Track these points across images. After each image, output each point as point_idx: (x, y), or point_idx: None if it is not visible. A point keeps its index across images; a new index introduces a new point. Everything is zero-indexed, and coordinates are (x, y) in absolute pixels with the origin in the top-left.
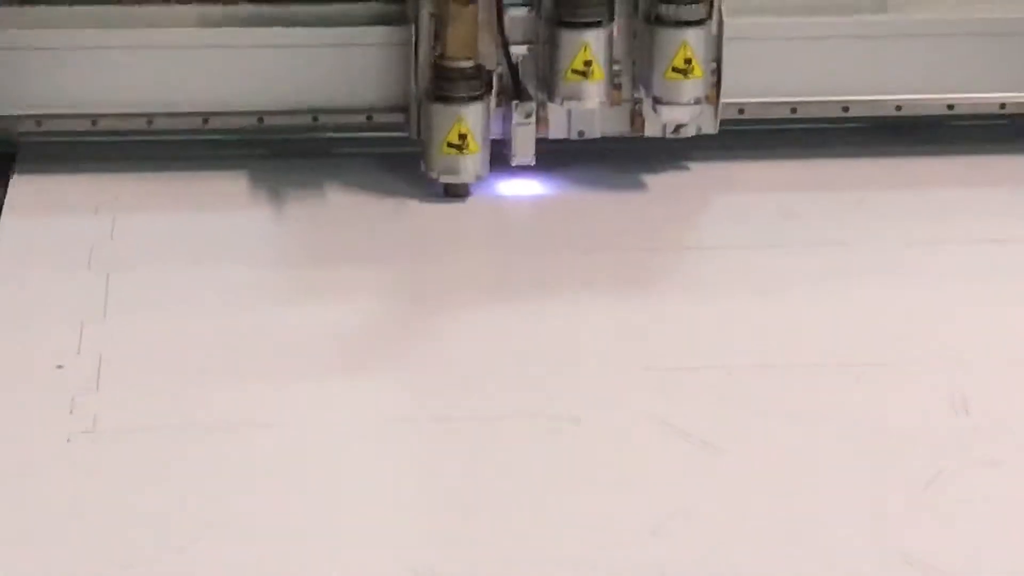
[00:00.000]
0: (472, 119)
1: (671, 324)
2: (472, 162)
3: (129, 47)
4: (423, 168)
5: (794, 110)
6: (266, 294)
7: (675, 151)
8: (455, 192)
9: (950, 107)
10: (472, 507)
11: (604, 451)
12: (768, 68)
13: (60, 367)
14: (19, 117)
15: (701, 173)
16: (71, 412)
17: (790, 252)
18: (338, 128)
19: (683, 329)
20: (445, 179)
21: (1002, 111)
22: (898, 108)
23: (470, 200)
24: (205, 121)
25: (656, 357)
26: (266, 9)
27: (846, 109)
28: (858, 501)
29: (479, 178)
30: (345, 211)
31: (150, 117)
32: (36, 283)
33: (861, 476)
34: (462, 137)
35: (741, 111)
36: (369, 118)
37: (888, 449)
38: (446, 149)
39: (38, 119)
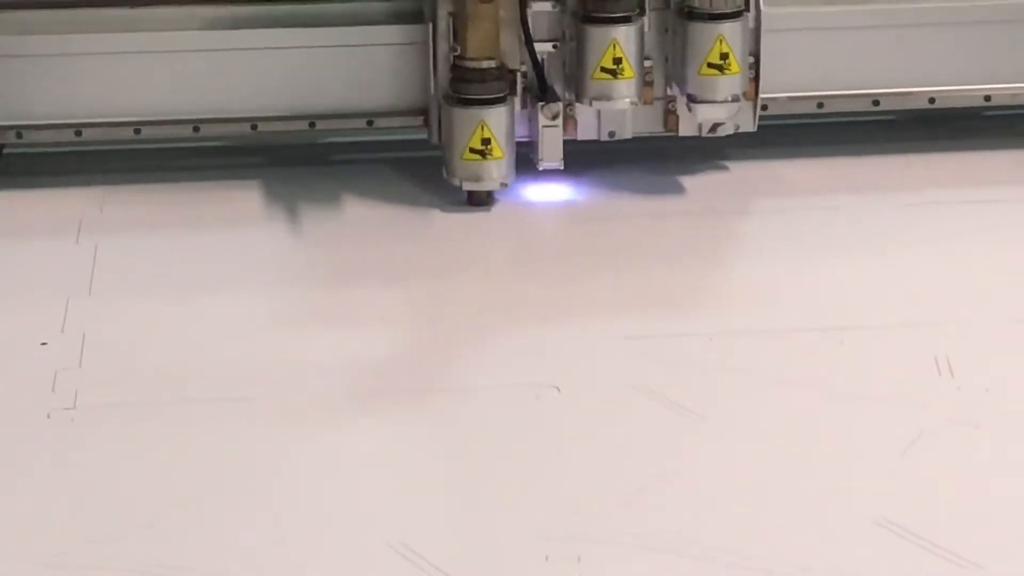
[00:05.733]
0: (495, 123)
1: (652, 292)
2: (496, 168)
3: (114, 52)
4: (444, 175)
5: (821, 105)
6: (261, 318)
7: (712, 150)
8: (479, 200)
9: (987, 98)
10: (452, 476)
11: (585, 418)
12: (792, 61)
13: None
14: None
15: (740, 173)
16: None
17: (775, 217)
18: (348, 133)
19: (665, 296)
20: (468, 186)
21: None
22: (931, 100)
23: (495, 208)
24: (196, 129)
25: (638, 324)
26: (260, 9)
27: (876, 103)
28: (839, 464)
29: (504, 185)
30: (361, 224)
31: (138, 126)
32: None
33: (843, 439)
34: (485, 142)
35: (764, 107)
36: (369, 123)
37: (871, 412)
38: (468, 155)
39: (18, 130)
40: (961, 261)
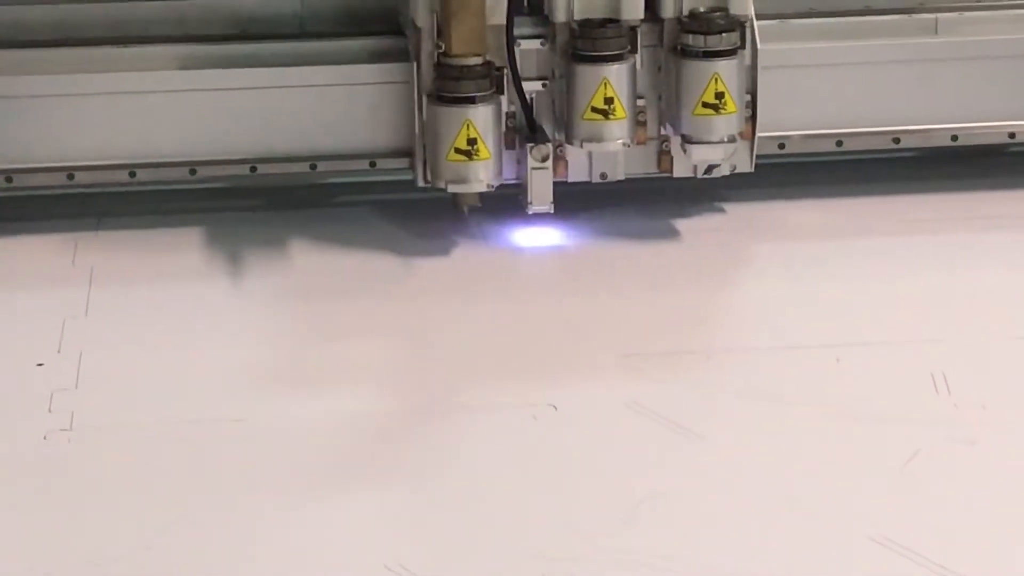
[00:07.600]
0: (482, 121)
1: (648, 312)
2: (483, 169)
3: (108, 92)
4: (428, 178)
5: (840, 143)
6: (258, 336)
7: (707, 191)
8: (465, 202)
9: (1011, 135)
10: (449, 495)
11: (583, 437)
12: (810, 98)
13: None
14: None
15: (736, 215)
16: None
17: (772, 239)
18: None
19: (660, 316)
20: (453, 188)
21: None
22: (954, 138)
23: (483, 254)
24: (193, 171)
25: (634, 343)
26: (253, 48)
27: (897, 140)
28: (836, 481)
29: (491, 187)
30: (347, 271)
31: (132, 169)
32: None
33: (840, 456)
34: (471, 142)
35: (781, 146)
36: (372, 164)
37: (868, 429)
38: (453, 155)
39: (8, 174)
40: (958, 279)
